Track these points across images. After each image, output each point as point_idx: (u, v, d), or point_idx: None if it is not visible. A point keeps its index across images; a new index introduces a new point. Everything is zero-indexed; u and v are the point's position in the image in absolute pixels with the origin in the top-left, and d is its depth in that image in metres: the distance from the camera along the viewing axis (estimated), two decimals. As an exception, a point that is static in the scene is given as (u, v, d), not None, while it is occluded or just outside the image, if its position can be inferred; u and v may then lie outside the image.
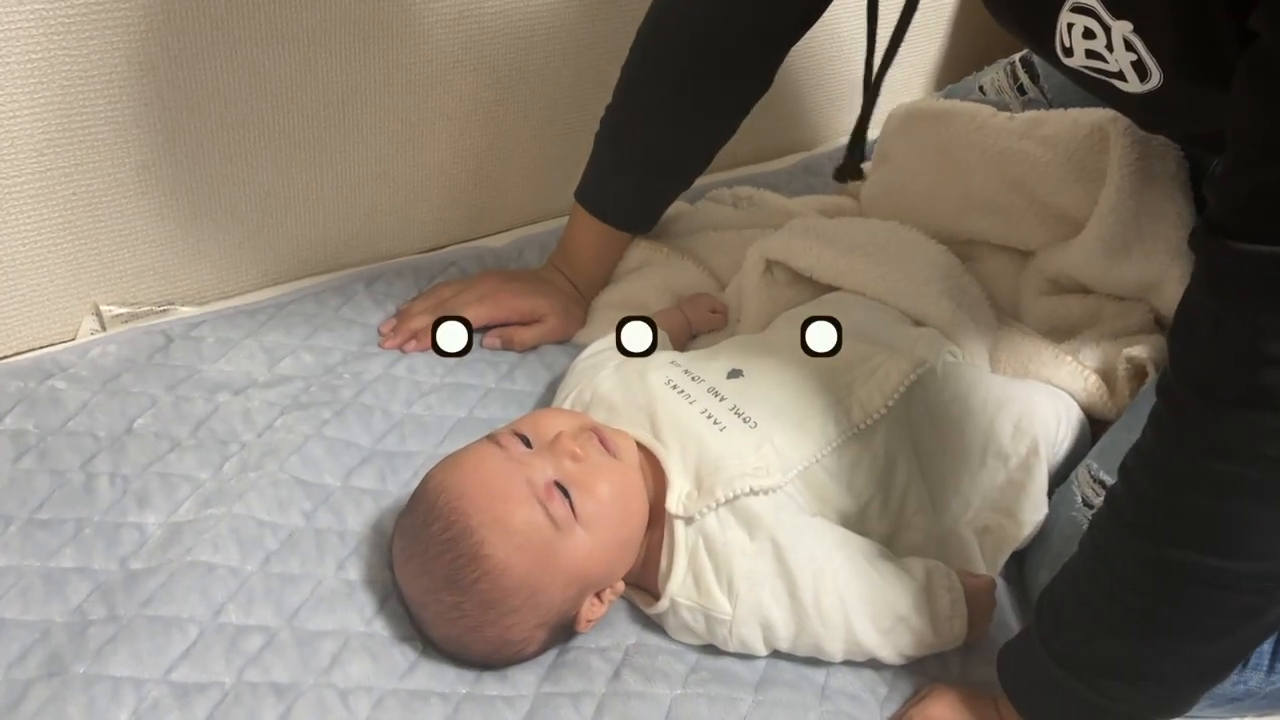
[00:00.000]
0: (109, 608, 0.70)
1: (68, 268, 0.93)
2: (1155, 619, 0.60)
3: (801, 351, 0.82)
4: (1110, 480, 0.78)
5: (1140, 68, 0.64)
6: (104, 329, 0.96)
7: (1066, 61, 0.69)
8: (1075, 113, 0.95)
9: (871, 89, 0.88)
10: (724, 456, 0.73)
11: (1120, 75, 0.66)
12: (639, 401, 0.78)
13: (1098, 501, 0.78)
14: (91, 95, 0.87)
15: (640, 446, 0.76)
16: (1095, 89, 0.71)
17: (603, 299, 1.03)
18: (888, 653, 0.73)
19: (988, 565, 0.79)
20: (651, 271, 1.04)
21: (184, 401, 0.86)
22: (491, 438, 0.73)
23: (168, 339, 0.92)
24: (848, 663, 0.74)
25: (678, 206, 1.09)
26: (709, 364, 0.81)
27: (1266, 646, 0.74)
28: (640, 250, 1.05)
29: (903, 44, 0.84)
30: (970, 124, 0.99)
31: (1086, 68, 0.68)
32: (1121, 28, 0.63)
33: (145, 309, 0.98)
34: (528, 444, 0.72)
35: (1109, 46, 0.64)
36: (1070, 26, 0.66)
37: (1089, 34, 0.65)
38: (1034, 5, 0.69)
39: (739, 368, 0.81)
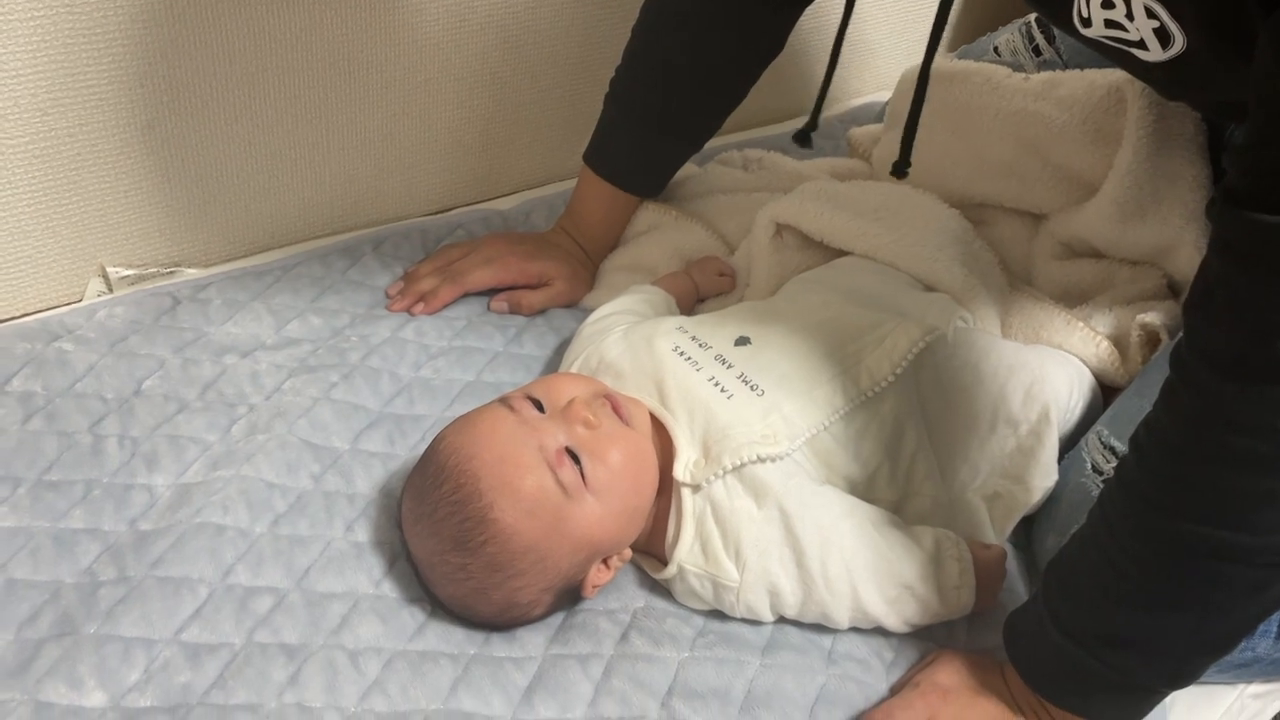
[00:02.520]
0: (119, 568, 0.70)
1: (73, 229, 0.93)
2: (1163, 592, 0.60)
3: (810, 319, 0.82)
4: (1120, 446, 0.77)
5: (1163, 34, 0.62)
6: (110, 291, 0.96)
7: (1085, 32, 0.68)
8: (1092, 74, 0.93)
9: (834, 57, 0.87)
10: (731, 424, 0.73)
11: (1141, 44, 0.64)
12: (646, 369, 0.78)
13: (1107, 468, 0.78)
14: (95, 54, 0.86)
15: (650, 414, 0.75)
16: (1114, 58, 0.69)
17: (611, 262, 1.03)
18: (894, 621, 0.73)
19: (996, 532, 0.79)
20: (660, 235, 1.03)
21: (191, 364, 0.86)
22: (504, 400, 0.73)
23: (175, 301, 0.92)
24: (855, 628, 0.74)
25: (686, 169, 1.08)
26: (717, 331, 0.81)
27: (1275, 614, 0.74)
28: (649, 213, 1.04)
29: (918, 4, 0.82)
30: (985, 85, 0.98)
31: (1106, 37, 0.66)
32: None
33: (152, 271, 0.98)
34: (540, 408, 0.72)
35: (1129, 15, 0.63)
36: None
37: (1107, 3, 0.64)
38: None
39: (747, 335, 0.80)
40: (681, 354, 0.78)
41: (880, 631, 0.74)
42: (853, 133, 1.20)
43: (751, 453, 0.71)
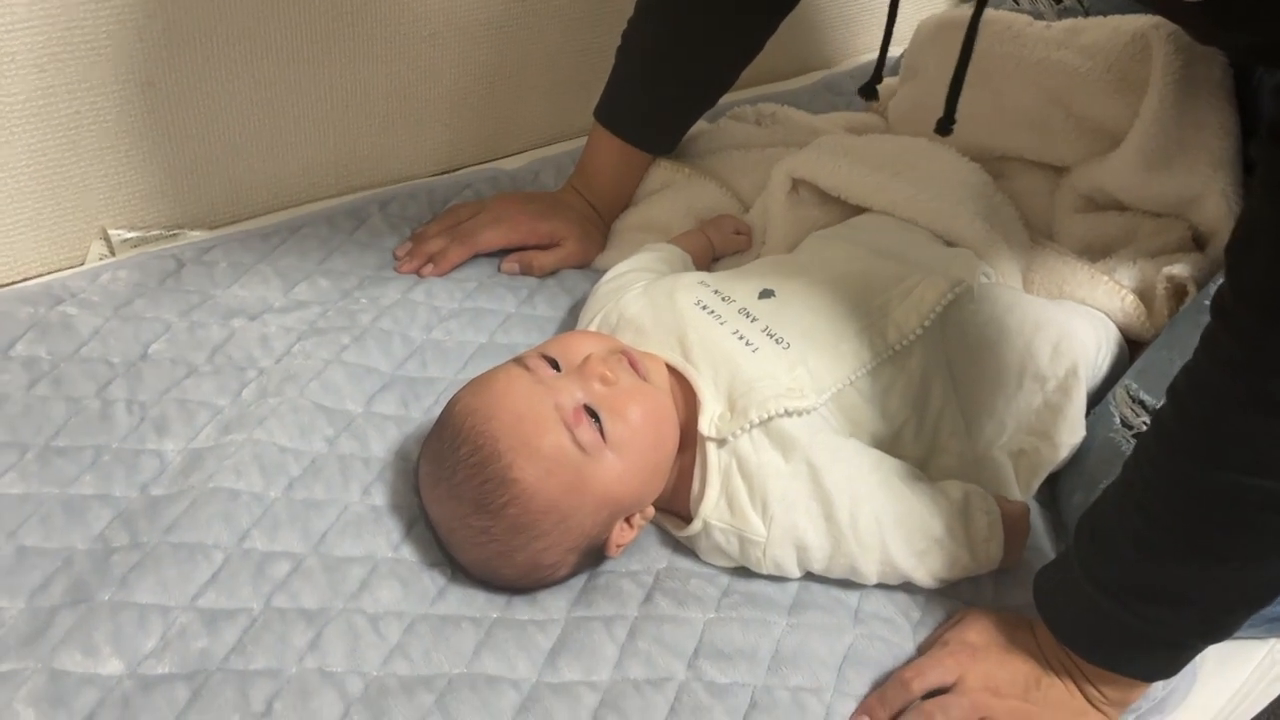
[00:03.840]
0: (131, 535, 0.69)
1: (74, 190, 0.91)
2: (1200, 543, 0.59)
3: (834, 272, 0.80)
4: (1150, 400, 0.76)
5: None
6: (113, 254, 0.94)
7: None
8: (1115, 20, 0.91)
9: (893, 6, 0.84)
10: (757, 378, 0.72)
11: None
12: (668, 323, 0.76)
13: (1136, 422, 0.76)
14: (93, 8, 0.83)
15: (670, 369, 0.74)
16: (1149, 1, 0.67)
17: (623, 221, 1.01)
18: (922, 574, 0.72)
19: (1022, 488, 0.78)
20: (673, 193, 1.01)
21: (199, 327, 0.85)
22: (519, 360, 0.71)
23: (179, 263, 0.90)
24: (881, 586, 0.73)
25: (698, 125, 1.06)
26: (739, 284, 0.79)
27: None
28: (661, 171, 1.02)
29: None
30: (1005, 34, 0.95)
31: None
32: None
33: (155, 233, 0.96)
34: (556, 367, 0.70)
35: None
36: None
37: None
38: None
39: (770, 288, 0.78)
40: (704, 308, 0.76)
41: (907, 589, 0.73)
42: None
43: (779, 406, 0.70)
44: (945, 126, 0.81)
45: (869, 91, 0.90)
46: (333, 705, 0.62)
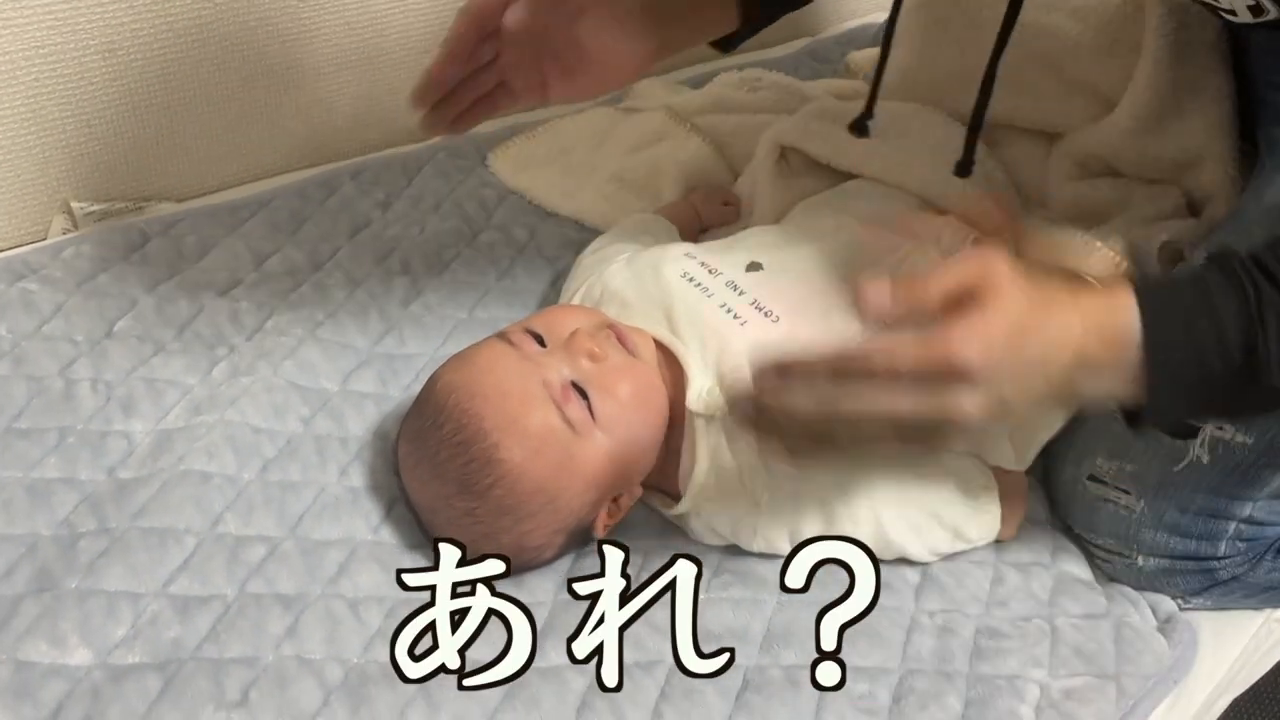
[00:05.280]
0: (99, 519, 0.66)
1: (34, 162, 0.88)
2: None
3: (823, 243, 0.78)
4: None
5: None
6: (76, 228, 0.91)
7: None
8: (1107, -19, 0.89)
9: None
10: (746, 352, 0.69)
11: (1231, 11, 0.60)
12: (654, 296, 0.74)
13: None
14: (48, -31, 0.80)
15: (657, 343, 0.72)
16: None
17: (607, 170, 0.98)
18: (918, 549, 0.70)
19: (1018, 458, 0.76)
20: (667, 147, 0.98)
21: (166, 303, 0.82)
22: (502, 335, 0.69)
23: (145, 237, 0.88)
24: (877, 559, 0.72)
25: (685, 91, 1.03)
26: (726, 256, 0.77)
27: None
28: (659, 120, 1.00)
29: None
30: (993, -4, 0.93)
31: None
32: None
33: (119, 206, 0.93)
34: (541, 342, 0.68)
35: None
36: None
37: None
38: None
39: (758, 260, 0.76)
40: (691, 280, 0.74)
41: (904, 559, 0.72)
42: (852, 56, 1.16)
43: (769, 381, 0.68)
44: (965, 169, 0.73)
45: (860, 128, 0.82)
46: (311, 694, 0.60)
